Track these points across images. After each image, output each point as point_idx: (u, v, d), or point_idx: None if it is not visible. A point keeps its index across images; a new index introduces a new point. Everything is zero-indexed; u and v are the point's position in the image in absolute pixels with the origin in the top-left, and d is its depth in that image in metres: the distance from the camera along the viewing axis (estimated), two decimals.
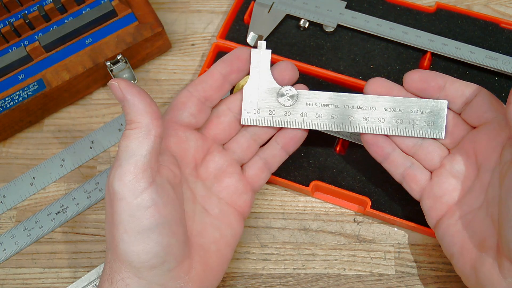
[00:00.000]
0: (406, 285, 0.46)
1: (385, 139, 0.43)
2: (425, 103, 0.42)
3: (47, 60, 0.52)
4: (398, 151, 0.43)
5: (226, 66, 0.42)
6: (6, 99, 0.50)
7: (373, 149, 0.43)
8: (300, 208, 0.49)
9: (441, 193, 0.41)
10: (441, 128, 0.42)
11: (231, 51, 0.43)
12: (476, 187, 0.40)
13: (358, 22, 0.53)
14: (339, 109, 0.43)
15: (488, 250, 0.38)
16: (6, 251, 0.49)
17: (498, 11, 0.56)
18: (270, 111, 0.43)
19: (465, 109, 0.41)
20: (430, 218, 0.42)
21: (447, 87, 0.41)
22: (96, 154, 0.53)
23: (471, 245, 0.39)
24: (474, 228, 0.39)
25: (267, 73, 0.43)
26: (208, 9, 0.59)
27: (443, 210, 0.41)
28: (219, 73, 0.42)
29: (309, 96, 0.43)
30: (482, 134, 0.40)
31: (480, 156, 0.40)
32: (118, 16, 0.53)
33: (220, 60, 0.43)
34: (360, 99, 0.42)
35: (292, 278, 0.47)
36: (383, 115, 0.42)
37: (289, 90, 0.43)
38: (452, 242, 0.40)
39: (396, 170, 0.43)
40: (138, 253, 0.36)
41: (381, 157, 0.43)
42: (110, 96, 0.55)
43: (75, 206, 0.51)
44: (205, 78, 0.42)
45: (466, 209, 0.40)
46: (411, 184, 0.43)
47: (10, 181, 0.52)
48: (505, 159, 0.38)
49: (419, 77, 0.42)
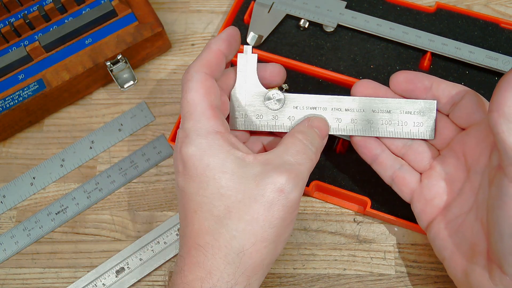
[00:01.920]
0: (406, 285, 0.46)
1: (374, 140, 0.43)
2: (413, 103, 0.42)
3: (47, 60, 0.52)
4: (387, 153, 0.43)
5: (227, 46, 0.41)
6: (6, 99, 0.50)
7: (362, 150, 0.43)
8: (300, 208, 0.49)
9: (432, 196, 0.41)
10: (431, 129, 0.42)
11: (224, 30, 0.42)
12: (465, 190, 0.40)
13: (358, 22, 0.53)
14: (327, 112, 0.42)
15: (478, 256, 0.38)
16: (6, 251, 0.49)
17: (498, 11, 0.56)
18: (258, 115, 0.43)
19: (453, 110, 0.41)
20: (421, 221, 0.42)
21: (433, 88, 0.41)
22: (96, 154, 0.53)
23: (461, 250, 0.39)
24: (464, 232, 0.39)
25: (254, 77, 0.42)
26: (208, 9, 0.59)
27: (433, 213, 0.41)
28: (221, 51, 0.40)
29: (296, 99, 0.42)
30: (471, 136, 0.40)
31: (470, 158, 0.40)
32: (118, 16, 0.53)
33: (218, 38, 0.41)
34: (348, 101, 0.42)
35: (292, 278, 0.47)
36: (371, 117, 0.42)
37: (276, 94, 0.42)
38: (443, 246, 0.40)
39: (385, 172, 0.43)
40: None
41: (370, 159, 0.43)
42: (110, 96, 0.55)
43: (75, 206, 0.51)
44: (211, 58, 0.40)
45: (456, 212, 0.40)
46: (401, 187, 0.42)
47: (10, 181, 0.52)
48: (493, 163, 0.37)
49: (405, 78, 0.42)
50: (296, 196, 0.37)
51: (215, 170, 0.36)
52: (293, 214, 0.37)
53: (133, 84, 0.55)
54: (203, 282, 0.35)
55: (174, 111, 0.54)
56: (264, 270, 0.37)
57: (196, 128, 0.37)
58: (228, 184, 0.36)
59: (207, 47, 0.40)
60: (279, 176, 0.36)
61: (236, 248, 0.36)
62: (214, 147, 0.36)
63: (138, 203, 0.51)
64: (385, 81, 0.44)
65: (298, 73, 0.53)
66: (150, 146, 0.53)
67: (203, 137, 0.37)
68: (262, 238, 0.36)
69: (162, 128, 0.54)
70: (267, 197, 0.36)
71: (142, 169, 0.52)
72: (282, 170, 0.36)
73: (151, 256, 0.48)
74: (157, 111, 0.54)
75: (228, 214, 0.36)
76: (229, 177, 0.36)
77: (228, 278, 0.35)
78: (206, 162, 0.36)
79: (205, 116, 0.37)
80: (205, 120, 0.37)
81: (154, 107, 0.54)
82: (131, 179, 0.52)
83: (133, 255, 0.48)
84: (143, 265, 0.48)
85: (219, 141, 0.37)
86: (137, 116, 0.54)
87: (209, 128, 0.37)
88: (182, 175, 0.37)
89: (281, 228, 0.37)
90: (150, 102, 0.55)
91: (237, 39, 0.42)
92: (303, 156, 0.38)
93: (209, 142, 0.36)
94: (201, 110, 0.37)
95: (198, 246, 0.36)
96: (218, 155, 0.36)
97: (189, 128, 0.37)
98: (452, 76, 0.51)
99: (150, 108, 0.54)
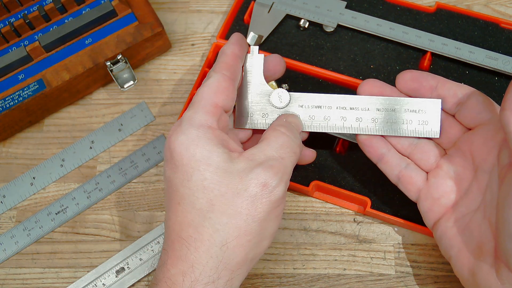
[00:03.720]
0: (406, 285, 0.46)
1: (380, 139, 0.43)
2: (418, 102, 0.42)
3: (47, 60, 0.52)
4: (393, 152, 0.43)
5: (239, 49, 0.42)
6: (6, 99, 0.50)
7: (368, 149, 0.43)
8: (300, 208, 0.49)
9: (439, 195, 0.41)
10: (436, 127, 0.42)
11: (231, 36, 0.43)
12: (473, 189, 0.40)
13: (358, 22, 0.53)
14: (332, 110, 0.42)
15: (486, 255, 0.38)
16: (6, 251, 0.49)
17: (498, 11, 0.56)
18: (263, 114, 0.43)
19: (459, 110, 0.41)
20: (427, 220, 0.42)
21: (439, 88, 0.41)
22: (96, 154, 0.53)
23: (468, 249, 0.39)
24: (471, 231, 0.39)
25: (260, 77, 0.43)
26: (208, 9, 0.59)
27: (440, 212, 0.41)
28: (236, 55, 0.41)
29: (301, 98, 0.43)
30: (478, 136, 0.40)
31: (477, 158, 0.40)
32: (118, 16, 0.53)
33: (230, 43, 0.42)
34: (353, 100, 0.42)
35: (292, 278, 0.47)
36: (376, 115, 0.42)
37: (281, 92, 0.43)
38: (449, 245, 0.40)
39: (391, 171, 0.43)
40: None
41: (376, 158, 0.43)
42: (110, 96, 0.55)
43: (75, 206, 0.51)
44: (229, 61, 0.41)
45: (463, 211, 0.40)
46: (407, 186, 0.43)
47: (10, 181, 0.52)
48: (502, 162, 0.38)
49: (411, 77, 0.42)
50: (280, 191, 0.37)
51: (200, 162, 0.36)
52: (278, 208, 0.37)
53: (133, 84, 0.55)
54: (185, 276, 0.35)
55: (174, 111, 0.54)
56: (248, 265, 0.37)
57: (191, 118, 0.38)
58: (212, 177, 0.36)
59: (221, 52, 0.41)
60: (262, 171, 0.36)
61: (219, 242, 0.36)
62: (202, 139, 0.37)
63: (138, 203, 0.51)
64: (385, 81, 0.44)
65: (298, 73, 0.53)
66: (150, 146, 0.53)
67: (195, 127, 0.37)
68: (246, 232, 0.36)
69: (162, 128, 0.54)
70: (251, 191, 0.36)
71: (142, 169, 0.52)
72: (266, 166, 0.37)
73: (151, 256, 0.48)
74: (157, 111, 0.54)
75: (211, 208, 0.36)
76: (214, 170, 0.36)
77: (211, 272, 0.35)
78: (192, 152, 0.36)
79: (205, 109, 0.38)
80: (202, 113, 0.38)
81: (154, 107, 0.54)
82: (131, 179, 0.52)
83: (133, 255, 0.48)
84: (143, 265, 0.48)
85: (209, 135, 0.37)
86: (137, 116, 0.54)
87: (203, 121, 0.37)
88: (169, 164, 0.38)
89: (265, 222, 0.37)
90: (150, 102, 0.55)
91: (245, 42, 0.43)
92: (286, 150, 0.38)
93: (199, 134, 0.37)
94: (204, 104, 0.38)
95: (181, 239, 0.36)
96: (205, 147, 0.37)
97: (185, 117, 0.38)
98: (452, 76, 0.51)
99: (150, 108, 0.54)
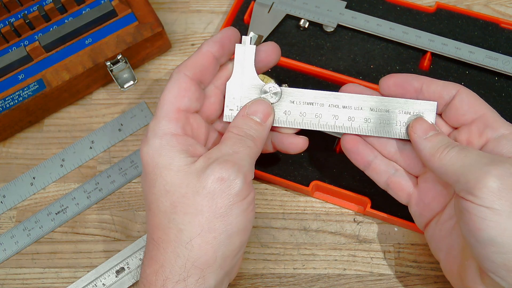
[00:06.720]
0: (406, 285, 0.46)
1: (366, 145, 0.42)
2: (413, 104, 0.41)
3: (47, 60, 0.52)
4: (380, 158, 0.42)
5: (219, 48, 0.41)
6: (6, 99, 0.50)
7: (354, 156, 0.42)
8: (300, 208, 0.49)
9: (429, 200, 0.41)
10: None
11: (220, 31, 0.42)
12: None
13: (358, 22, 0.53)
14: (324, 108, 0.41)
15: (470, 258, 0.37)
16: (6, 251, 0.49)
17: (498, 11, 0.56)
18: None
19: (444, 111, 0.40)
20: (419, 223, 0.42)
21: (424, 90, 0.40)
22: (96, 154, 0.53)
23: (454, 253, 0.39)
24: (456, 235, 0.39)
25: (251, 69, 0.42)
26: (208, 9, 0.59)
27: (431, 216, 0.41)
28: (212, 54, 0.41)
29: (293, 93, 0.42)
30: (462, 136, 0.39)
31: None
32: (118, 16, 0.53)
33: (211, 40, 0.41)
34: (346, 98, 0.41)
35: (292, 278, 0.47)
36: (369, 115, 0.41)
37: (272, 87, 0.41)
38: (438, 248, 0.40)
39: (379, 178, 0.42)
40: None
41: (362, 165, 0.42)
42: (110, 96, 0.55)
43: (75, 206, 0.51)
44: (199, 60, 0.40)
45: (450, 213, 0.40)
46: (397, 192, 0.42)
47: (10, 181, 0.52)
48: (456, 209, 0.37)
49: (394, 83, 0.41)
50: (239, 183, 0.37)
51: (162, 168, 0.37)
52: (243, 202, 0.37)
53: (133, 84, 0.55)
54: (157, 275, 0.37)
55: None
56: (221, 263, 0.37)
57: (154, 129, 0.38)
58: (173, 180, 0.37)
59: (198, 48, 0.41)
60: (217, 166, 0.37)
61: (184, 241, 0.36)
62: (165, 148, 0.38)
63: (138, 203, 0.51)
64: None
65: (298, 73, 0.53)
66: None
67: (159, 137, 0.38)
68: (209, 229, 0.36)
69: None
70: (209, 188, 0.36)
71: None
72: (221, 161, 0.37)
73: None
74: None
75: (174, 209, 0.37)
76: (174, 174, 0.37)
77: (180, 271, 0.36)
78: (156, 161, 0.38)
79: (167, 118, 0.38)
80: (165, 122, 0.38)
81: (154, 107, 0.54)
82: (131, 179, 0.52)
83: (133, 255, 0.48)
84: None
85: (172, 143, 0.38)
86: (137, 116, 0.54)
87: (166, 130, 0.38)
88: (142, 173, 0.39)
89: (230, 218, 0.37)
90: (150, 102, 0.55)
91: (232, 41, 0.42)
92: (239, 145, 0.39)
93: (162, 143, 0.38)
94: (166, 112, 0.39)
95: (153, 241, 0.38)
96: (167, 154, 0.37)
97: (150, 127, 0.39)
98: (452, 76, 0.51)
99: (150, 108, 0.54)
